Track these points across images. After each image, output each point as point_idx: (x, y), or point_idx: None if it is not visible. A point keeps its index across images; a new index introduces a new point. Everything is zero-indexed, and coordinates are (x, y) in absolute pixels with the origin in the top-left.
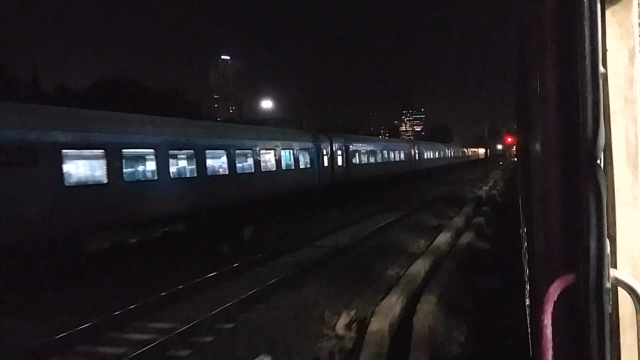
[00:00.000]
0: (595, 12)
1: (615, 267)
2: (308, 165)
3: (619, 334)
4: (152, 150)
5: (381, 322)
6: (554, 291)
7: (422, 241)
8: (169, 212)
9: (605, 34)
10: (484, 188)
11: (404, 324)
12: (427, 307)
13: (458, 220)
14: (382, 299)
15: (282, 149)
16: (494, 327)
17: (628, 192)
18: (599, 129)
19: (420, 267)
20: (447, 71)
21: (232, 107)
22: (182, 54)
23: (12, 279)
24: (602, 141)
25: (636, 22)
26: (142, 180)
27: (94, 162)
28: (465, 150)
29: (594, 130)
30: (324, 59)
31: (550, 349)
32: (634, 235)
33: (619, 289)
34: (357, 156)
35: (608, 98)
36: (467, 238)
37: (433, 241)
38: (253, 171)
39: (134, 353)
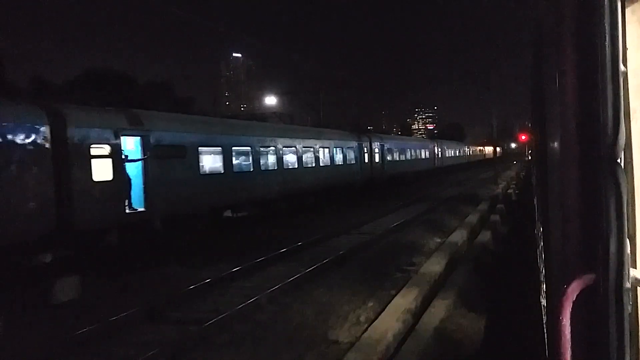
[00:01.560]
0: (616, 10)
1: (635, 266)
2: (353, 162)
3: (638, 335)
4: (249, 148)
5: None
6: (573, 291)
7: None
8: (258, 197)
9: (625, 32)
10: (499, 186)
11: None
12: None
13: (473, 218)
14: None
15: (334, 147)
16: (508, 325)
17: None
18: (619, 127)
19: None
20: (460, 68)
21: (243, 105)
22: (194, 52)
23: (174, 241)
24: (622, 140)
25: None
26: (244, 172)
27: (216, 157)
28: (483, 149)
29: (614, 129)
30: (336, 55)
31: (569, 349)
32: None
33: (639, 289)
34: (391, 154)
35: (628, 96)
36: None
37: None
38: (314, 165)
39: (272, 287)
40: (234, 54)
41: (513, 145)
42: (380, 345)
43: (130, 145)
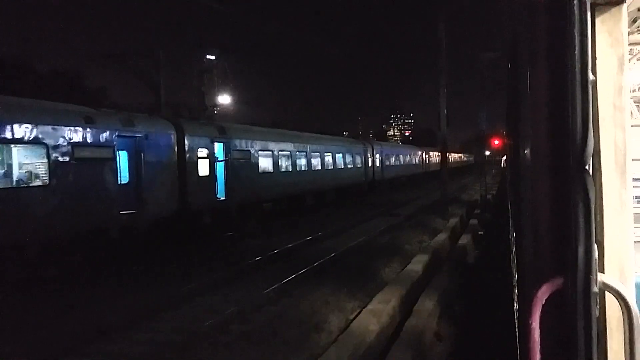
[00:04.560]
0: (585, 20)
1: (602, 271)
2: (359, 166)
3: (606, 338)
4: (289, 153)
5: None
6: (542, 295)
7: None
8: (294, 193)
9: (595, 42)
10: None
11: None
12: None
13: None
14: None
15: (346, 152)
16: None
17: (616, 198)
18: (587, 135)
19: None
20: (434, 73)
21: (216, 108)
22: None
23: (241, 224)
24: (590, 147)
25: (625, 31)
26: (285, 171)
27: (268, 160)
28: (462, 155)
29: (582, 136)
30: (312, 60)
31: (538, 352)
32: (622, 240)
33: (607, 293)
34: (388, 160)
35: (597, 105)
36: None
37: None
38: (332, 168)
39: (321, 259)
40: (208, 56)
41: (487, 152)
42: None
43: (216, 149)
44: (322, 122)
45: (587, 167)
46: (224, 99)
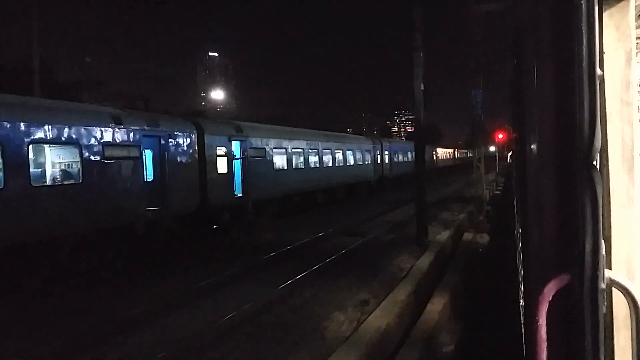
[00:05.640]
0: (593, 15)
1: (610, 268)
2: (369, 162)
3: (613, 335)
4: (302, 150)
5: None
6: (549, 291)
7: None
8: (306, 189)
9: (602, 36)
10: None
11: None
12: None
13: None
14: None
15: (357, 149)
16: (488, 325)
17: (623, 194)
18: (595, 130)
19: None
20: (438, 69)
21: (219, 107)
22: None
23: (259, 219)
24: (598, 143)
25: (633, 26)
26: (298, 168)
27: (282, 157)
28: (467, 151)
29: (590, 132)
30: (315, 56)
31: (545, 349)
32: (629, 237)
33: (614, 289)
34: (396, 156)
35: (604, 100)
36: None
37: None
38: (343, 164)
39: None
40: (210, 53)
41: (492, 148)
42: None
43: (233, 147)
44: (325, 118)
45: (594, 163)
46: (217, 94)
